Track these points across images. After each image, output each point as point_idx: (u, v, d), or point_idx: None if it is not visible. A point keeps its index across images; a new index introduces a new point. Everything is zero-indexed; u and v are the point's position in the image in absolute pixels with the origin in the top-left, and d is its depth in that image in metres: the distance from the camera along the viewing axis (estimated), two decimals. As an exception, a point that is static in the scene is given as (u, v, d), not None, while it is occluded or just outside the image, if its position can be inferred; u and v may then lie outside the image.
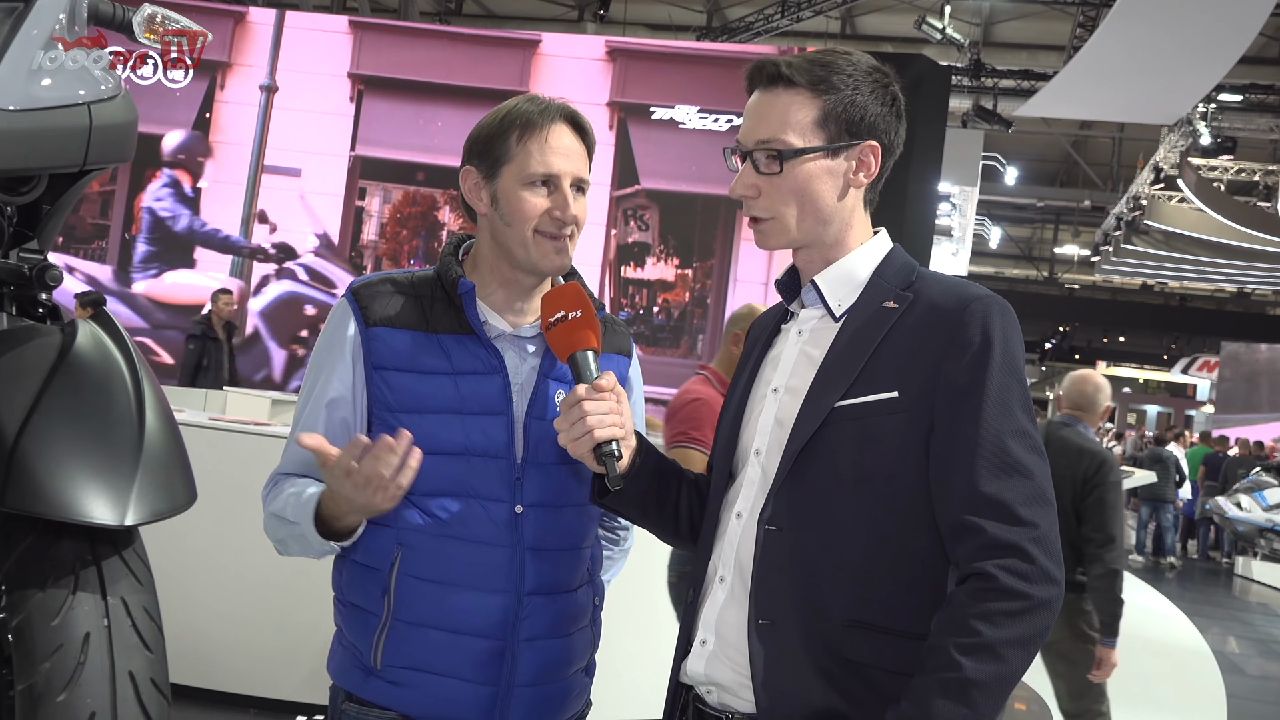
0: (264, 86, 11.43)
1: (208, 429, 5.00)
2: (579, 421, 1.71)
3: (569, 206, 1.87)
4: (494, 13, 19.20)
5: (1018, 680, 1.54)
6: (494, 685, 1.83)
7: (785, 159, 1.68)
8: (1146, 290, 29.56)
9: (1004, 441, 1.57)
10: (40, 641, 1.44)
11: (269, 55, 11.41)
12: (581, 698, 1.99)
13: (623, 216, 10.77)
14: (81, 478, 1.50)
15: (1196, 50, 12.63)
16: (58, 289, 1.79)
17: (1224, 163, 19.35)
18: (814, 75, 1.69)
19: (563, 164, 1.88)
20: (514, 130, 1.89)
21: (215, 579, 4.79)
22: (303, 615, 4.45)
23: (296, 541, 1.84)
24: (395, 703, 1.83)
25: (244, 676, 4.73)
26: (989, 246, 27.43)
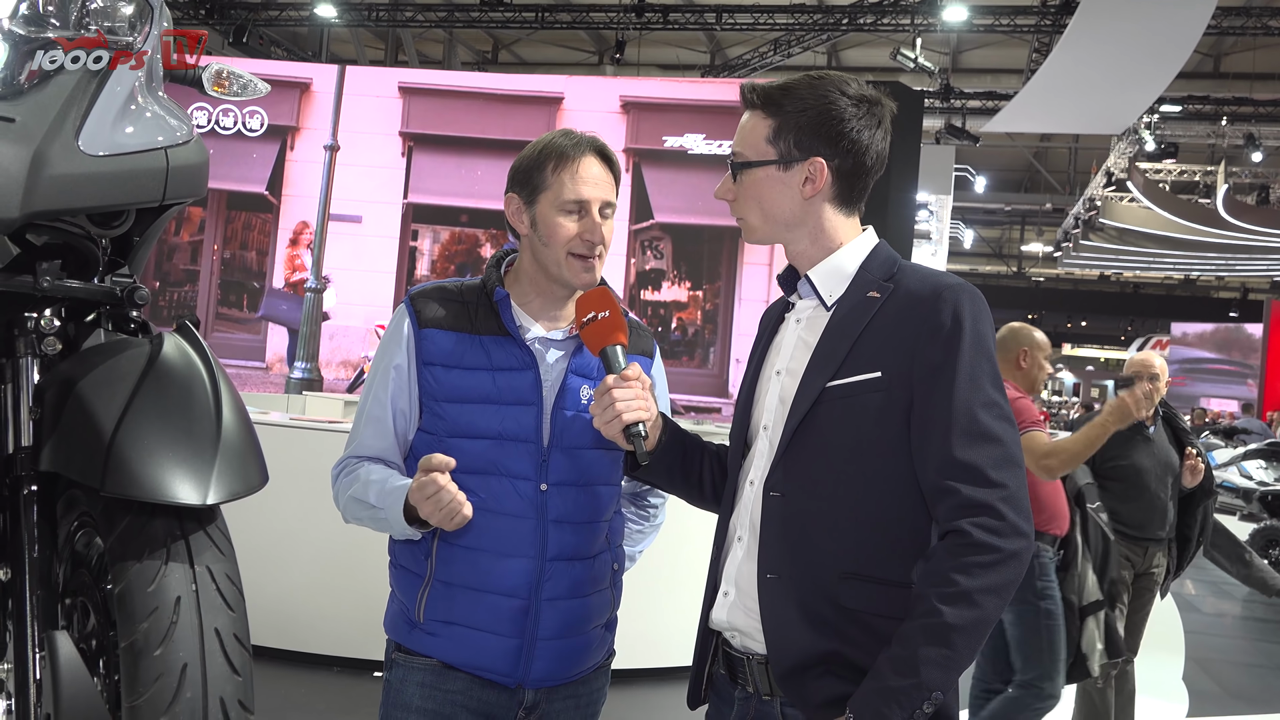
0: (328, 146, 11.47)
1: (289, 427, 5.12)
2: (609, 407, 1.74)
3: (598, 230, 1.90)
4: (525, 60, 19.22)
5: (993, 624, 1.55)
6: (519, 638, 1.85)
7: (739, 170, 1.71)
8: (1104, 280, 29.32)
9: (975, 412, 1.57)
10: (139, 605, 1.47)
11: (331, 119, 11.46)
12: (602, 649, 2.00)
13: (640, 247, 10.78)
14: (169, 465, 1.53)
15: (1139, 68, 12.54)
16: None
17: (1168, 166, 19.17)
18: (769, 98, 1.69)
19: (592, 191, 1.90)
20: (550, 161, 1.91)
21: (300, 554, 4.90)
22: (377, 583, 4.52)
23: (377, 523, 1.87)
24: (435, 651, 1.87)
25: (328, 638, 4.81)
26: (964, 247, 27.27)
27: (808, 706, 1.61)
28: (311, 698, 4.47)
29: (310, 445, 4.88)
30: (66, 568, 1.67)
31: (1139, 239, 20.84)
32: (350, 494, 1.89)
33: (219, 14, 14.89)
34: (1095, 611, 3.76)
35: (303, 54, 16.65)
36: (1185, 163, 19.58)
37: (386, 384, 1.91)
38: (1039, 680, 3.60)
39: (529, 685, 1.87)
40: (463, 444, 1.84)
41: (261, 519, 4.82)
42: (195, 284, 11.65)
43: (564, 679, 1.92)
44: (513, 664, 1.85)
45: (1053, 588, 3.63)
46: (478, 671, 1.86)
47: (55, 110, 1.52)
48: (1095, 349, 33.52)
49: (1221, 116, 17.02)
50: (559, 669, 1.89)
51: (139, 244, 1.85)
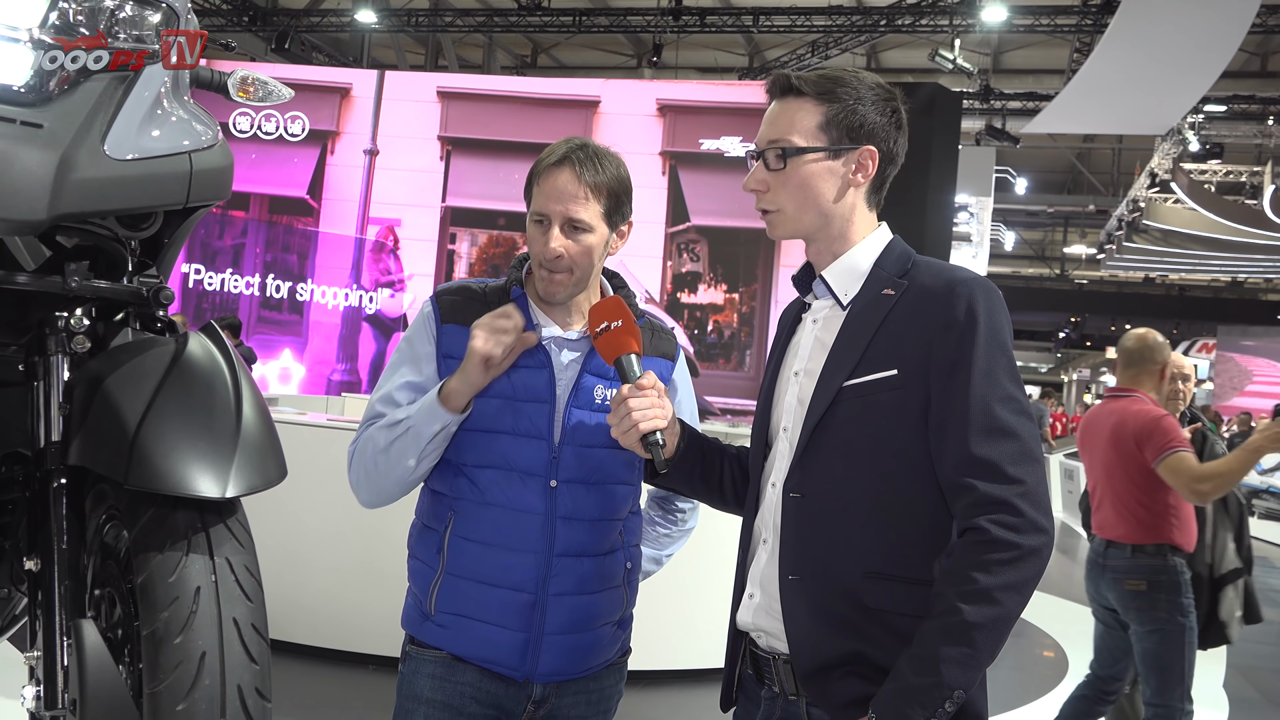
0: (367, 150, 11.61)
1: (326, 428, 5.21)
2: (626, 416, 1.74)
3: (550, 243, 1.87)
4: (564, 64, 19.28)
5: (1014, 621, 1.54)
6: (526, 632, 1.86)
7: (789, 156, 1.68)
8: (1149, 283, 28.87)
9: (991, 407, 1.56)
10: (160, 595, 1.50)
11: (370, 123, 11.59)
12: (613, 647, 2.00)
13: (676, 250, 10.81)
14: (190, 459, 1.56)
15: (1183, 67, 12.37)
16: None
17: (1213, 166, 18.88)
18: (820, 86, 1.68)
19: (552, 205, 1.88)
20: (533, 171, 1.94)
21: (341, 552, 4.98)
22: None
23: (400, 442, 1.87)
24: (445, 643, 1.89)
25: (366, 636, 4.88)
26: (1005, 249, 26.99)
27: (831, 707, 1.61)
28: (348, 695, 4.53)
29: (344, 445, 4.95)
30: (96, 560, 1.72)
31: (1184, 241, 20.53)
32: (375, 428, 1.91)
33: (261, 20, 15.10)
34: (1234, 579, 3.74)
35: (344, 59, 16.83)
36: (1231, 163, 19.26)
37: (406, 369, 1.95)
38: (1183, 699, 3.57)
39: (536, 680, 1.89)
40: (476, 438, 1.87)
41: (302, 517, 4.92)
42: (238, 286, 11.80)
43: (573, 674, 1.93)
44: (520, 658, 1.87)
45: (1193, 604, 3.60)
46: (485, 664, 1.87)
47: (82, 116, 1.57)
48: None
49: (1268, 116, 16.73)
50: (567, 664, 1.91)
51: (167, 245, 1.89)
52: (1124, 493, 3.63)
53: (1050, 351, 36.71)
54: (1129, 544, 3.59)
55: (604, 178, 1.90)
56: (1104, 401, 3.88)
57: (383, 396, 1.96)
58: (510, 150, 10.95)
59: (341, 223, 11.67)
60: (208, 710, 1.43)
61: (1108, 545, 3.67)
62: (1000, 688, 5.64)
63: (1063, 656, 6.36)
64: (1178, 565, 3.58)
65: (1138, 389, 3.75)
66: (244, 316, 11.47)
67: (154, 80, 1.67)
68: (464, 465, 1.89)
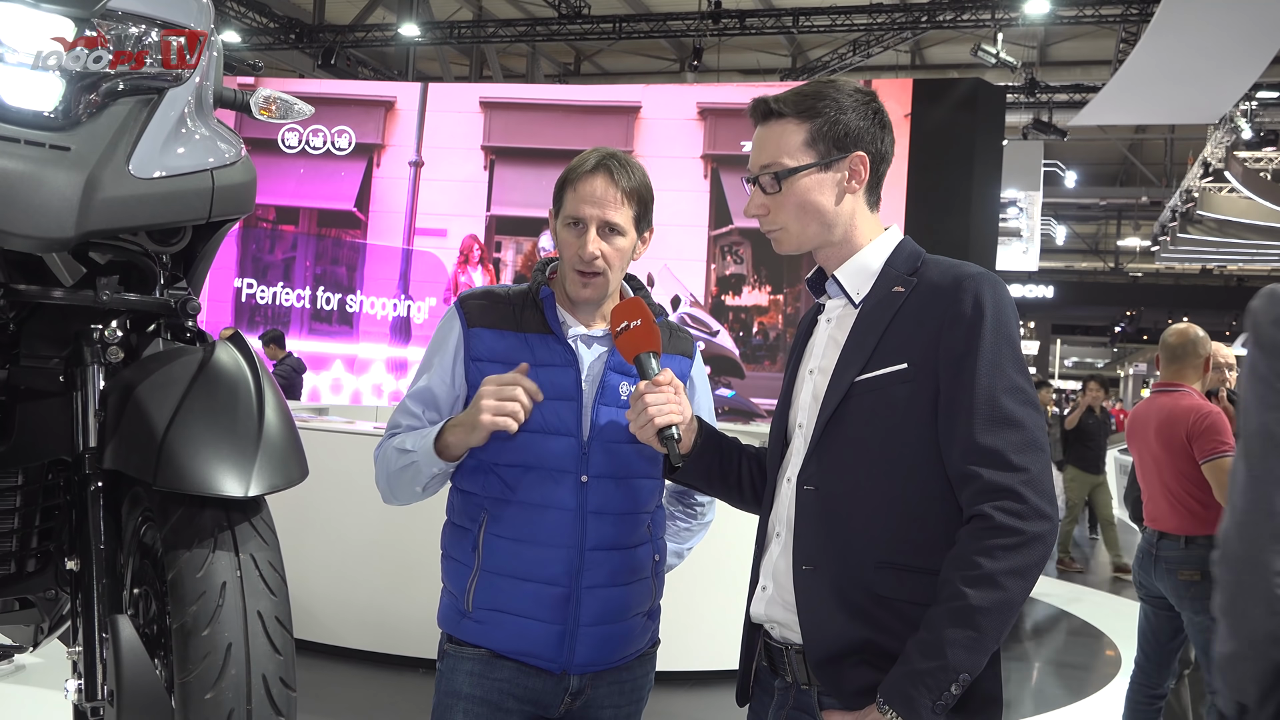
0: (412, 162, 11.76)
1: (372, 436, 5.27)
2: (643, 411, 1.79)
3: (588, 246, 1.93)
4: (607, 70, 19.39)
5: (1019, 605, 1.56)
6: (562, 624, 1.91)
7: (782, 178, 1.71)
8: (1206, 274, 28.37)
9: (997, 398, 1.59)
10: (189, 590, 1.57)
11: (415, 135, 11.74)
12: (644, 636, 2.05)
13: (720, 253, 10.83)
14: (215, 461, 1.63)
15: (1233, 53, 12.14)
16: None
17: (1268, 154, 18.49)
18: (800, 104, 1.72)
19: (589, 210, 1.94)
20: (566, 178, 1.99)
21: (389, 559, 5.05)
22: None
23: (408, 470, 1.94)
24: (483, 639, 1.93)
25: (415, 640, 4.90)
26: (1056, 244, 26.65)
27: (843, 695, 1.63)
28: (398, 699, 4.61)
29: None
30: (135, 559, 1.80)
31: (1240, 230, 20.14)
32: (391, 445, 1.98)
33: (308, 37, 15.37)
34: None
35: (389, 73, 17.08)
36: (1287, 150, 18.86)
37: (436, 370, 2.01)
38: None
39: (573, 670, 1.93)
40: (506, 437, 1.91)
41: (348, 524, 5.02)
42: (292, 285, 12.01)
43: (607, 664, 1.97)
44: (556, 649, 1.91)
45: None
46: (524, 658, 1.92)
47: (108, 138, 1.65)
48: (1199, 345, 32.47)
49: (1324, 101, 16.38)
50: (602, 654, 1.95)
51: (198, 259, 1.97)
52: (1175, 486, 3.70)
53: (1106, 346, 36.15)
54: (1182, 535, 3.67)
55: (634, 184, 1.98)
56: (1151, 397, 3.93)
57: (401, 406, 2.04)
58: (553, 158, 11.05)
59: (389, 234, 11.84)
60: (234, 698, 1.50)
61: (1160, 537, 3.74)
62: (1053, 684, 5.60)
63: (1118, 655, 6.30)
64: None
65: (1183, 383, 3.81)
66: (295, 328, 11.68)
67: (178, 101, 1.74)
68: (495, 464, 1.93)
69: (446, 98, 12.01)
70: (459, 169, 11.61)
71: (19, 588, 1.99)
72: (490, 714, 1.92)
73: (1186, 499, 3.66)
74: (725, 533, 2.32)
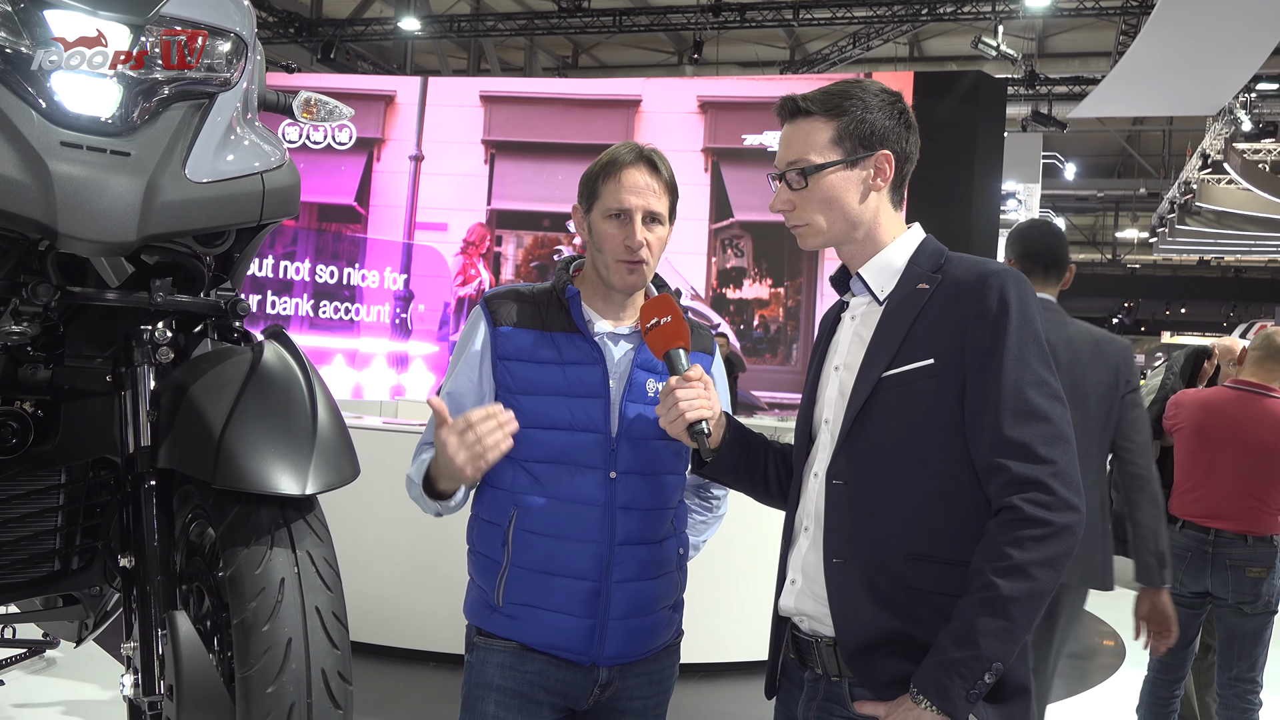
0: (413, 156, 11.78)
1: (382, 430, 5.31)
2: (673, 406, 1.82)
3: (636, 235, 1.96)
4: (605, 63, 19.39)
5: (1048, 595, 1.58)
6: (593, 618, 1.93)
7: (809, 174, 1.74)
8: (1204, 265, 28.43)
9: (1024, 391, 1.61)
10: (248, 586, 1.61)
11: (415, 130, 11.76)
12: (670, 629, 2.08)
13: (720, 246, 10.87)
14: (272, 460, 1.67)
15: (1232, 45, 12.20)
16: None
17: (1267, 145, 18.56)
18: (827, 103, 1.75)
19: (634, 200, 1.97)
20: (602, 172, 2.00)
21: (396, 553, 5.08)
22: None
23: (418, 501, 1.96)
24: (514, 633, 1.96)
25: (424, 634, 4.98)
26: (1055, 235, 26.68)
27: (875, 685, 1.65)
28: (409, 691, 4.64)
29: (400, 448, 5.08)
30: (182, 556, 1.84)
31: (1238, 222, 20.20)
32: (410, 471, 2.00)
33: (307, 32, 15.36)
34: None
35: (388, 67, 17.07)
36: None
37: (464, 371, 2.03)
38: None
39: (603, 663, 1.95)
40: (536, 434, 1.93)
41: (359, 518, 5.04)
42: (290, 294, 12.04)
43: (636, 656, 2.00)
44: (587, 642, 1.94)
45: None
46: (555, 651, 1.94)
47: (164, 143, 1.69)
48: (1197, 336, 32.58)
49: (1323, 92, 16.43)
50: (631, 647, 1.98)
51: (238, 260, 2.01)
52: (1261, 489, 3.68)
53: (1103, 338, 36.22)
54: (1249, 534, 3.67)
55: (670, 176, 2.03)
56: (1234, 393, 3.83)
57: (426, 428, 2.06)
58: (553, 152, 11.07)
59: (389, 228, 11.86)
60: (295, 691, 1.54)
61: (1218, 535, 3.71)
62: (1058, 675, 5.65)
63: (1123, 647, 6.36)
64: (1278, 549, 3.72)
65: (1274, 386, 3.77)
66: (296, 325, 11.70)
67: (227, 106, 1.78)
68: (524, 461, 1.95)
69: (446, 92, 12.03)
70: (459, 163, 11.63)
71: (64, 584, 2.03)
72: (521, 705, 1.95)
73: (1262, 502, 3.67)
74: (745, 527, 2.36)
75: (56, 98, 1.60)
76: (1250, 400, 3.76)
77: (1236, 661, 3.71)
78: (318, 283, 11.78)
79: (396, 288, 11.80)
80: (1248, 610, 3.67)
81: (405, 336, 11.77)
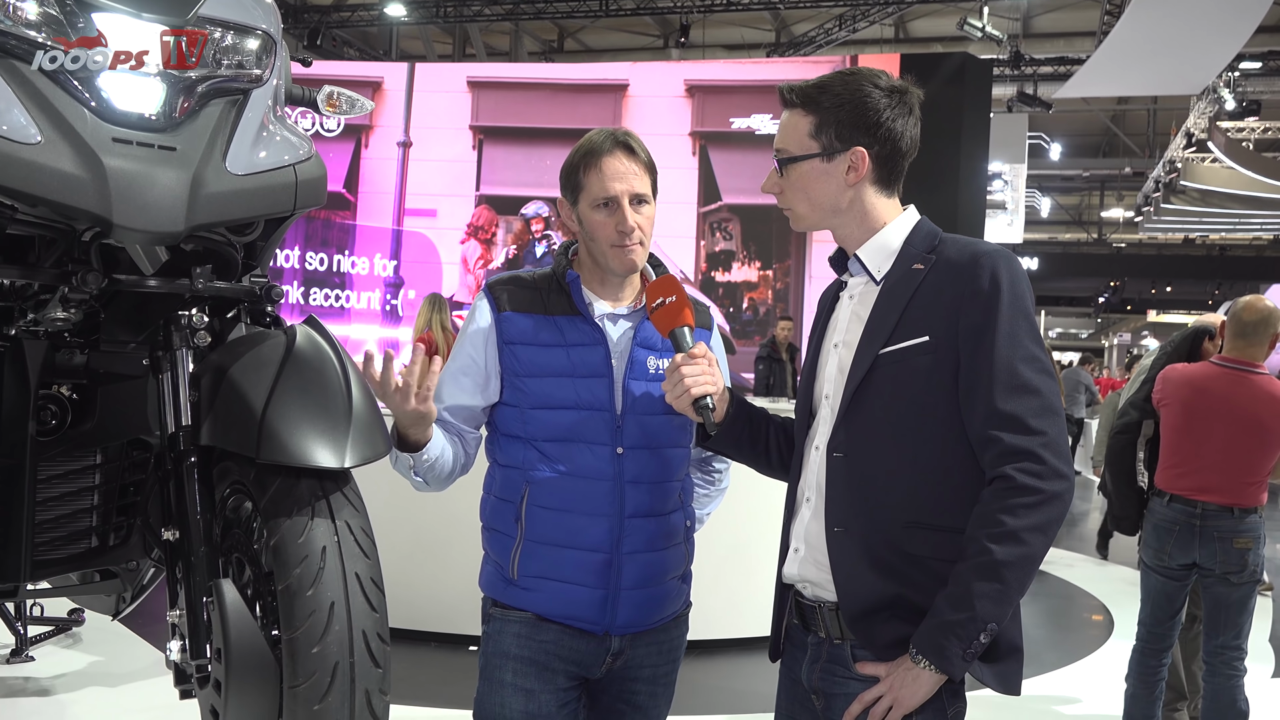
0: (401, 143, 11.80)
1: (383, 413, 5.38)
2: (679, 383, 1.90)
3: (628, 221, 2.04)
4: (591, 48, 19.38)
5: (1039, 560, 1.67)
6: (604, 589, 2.03)
7: (785, 164, 1.85)
8: (1189, 244, 28.59)
9: (1015, 366, 1.69)
10: (292, 554, 1.72)
11: (403, 116, 11.78)
12: (679, 599, 2.17)
13: (709, 229, 10.94)
14: (311, 435, 1.78)
15: (1216, 24, 12.24)
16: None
17: (1250, 124, 18.71)
18: (806, 96, 1.82)
19: (619, 186, 2.04)
20: (582, 164, 2.07)
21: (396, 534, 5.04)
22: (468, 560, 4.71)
23: (401, 469, 2.01)
24: (529, 604, 2.04)
25: (425, 614, 4.91)
26: (1041, 216, 26.86)
27: (875, 647, 1.75)
28: (412, 671, 4.73)
29: (394, 431, 5.15)
30: (220, 529, 1.95)
31: (1223, 200, 20.34)
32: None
33: (293, 18, 15.34)
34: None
35: (374, 53, 17.06)
36: (1269, 120, 19.08)
37: (468, 351, 2.10)
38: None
39: (615, 632, 2.05)
40: (544, 415, 2.03)
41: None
42: (280, 281, 12.07)
43: (646, 625, 2.09)
44: (599, 612, 2.03)
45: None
46: (569, 621, 2.03)
47: (206, 138, 1.79)
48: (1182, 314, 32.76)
49: (1306, 71, 16.57)
50: (641, 616, 2.08)
51: (264, 248, 2.12)
52: (1255, 464, 3.75)
53: (1090, 317, 36.45)
54: (1235, 507, 3.74)
55: (648, 156, 2.11)
56: (1221, 371, 3.85)
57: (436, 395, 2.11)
58: (541, 137, 11.11)
59: (378, 215, 11.90)
60: (339, 652, 1.66)
61: (1205, 508, 3.77)
62: (1049, 648, 5.80)
63: (1109, 619, 6.51)
64: (1262, 520, 3.82)
65: (1256, 362, 3.81)
66: (287, 312, 11.75)
67: (260, 102, 1.88)
68: (534, 440, 2.04)
69: (434, 78, 12.04)
70: (447, 149, 11.65)
71: (101, 560, 2.13)
72: (538, 673, 2.03)
73: (1248, 475, 3.74)
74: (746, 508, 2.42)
75: (105, 96, 1.70)
76: (1237, 377, 3.81)
77: (1223, 630, 3.80)
78: (308, 270, 11.83)
79: (387, 274, 11.85)
80: (1234, 580, 3.75)
81: (396, 323, 11.83)
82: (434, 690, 4.41)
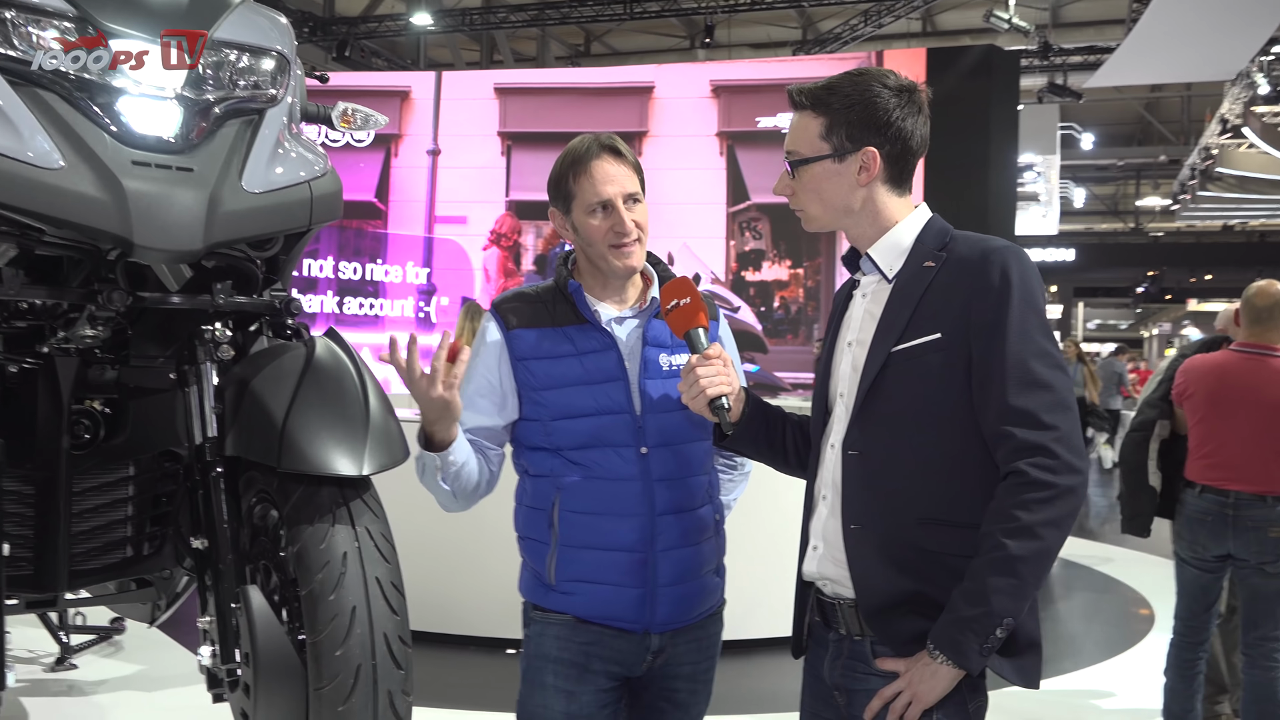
0: (430, 151, 11.88)
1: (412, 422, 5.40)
2: (694, 383, 1.91)
3: (625, 222, 2.06)
4: (618, 50, 19.43)
5: (1055, 554, 1.69)
6: (642, 588, 2.04)
7: (797, 166, 1.86)
8: (1228, 231, 28.17)
9: (1027, 362, 1.69)
10: (314, 559, 1.76)
11: (431, 124, 11.86)
12: (716, 594, 2.19)
13: (738, 229, 10.91)
14: (331, 444, 1.82)
15: (1248, 7, 12.06)
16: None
17: (1286, 108, 18.43)
18: (815, 98, 1.83)
19: (611, 189, 2.06)
20: (569, 172, 2.09)
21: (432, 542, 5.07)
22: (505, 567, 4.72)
23: (423, 473, 2.00)
24: (568, 608, 2.06)
25: (462, 620, 4.98)
26: (1075, 206, 26.61)
27: (895, 643, 1.77)
28: (447, 674, 4.77)
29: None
30: (247, 536, 1.99)
31: (1261, 186, 20.04)
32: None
33: (321, 30, 15.50)
34: None
35: (401, 62, 17.20)
36: (1305, 103, 18.78)
37: (481, 372, 2.11)
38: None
39: (655, 630, 2.07)
40: (566, 424, 2.06)
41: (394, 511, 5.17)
42: (315, 292, 12.20)
43: (685, 621, 2.11)
44: (638, 611, 2.05)
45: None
46: (609, 621, 2.05)
47: (222, 158, 1.84)
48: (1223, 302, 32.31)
49: (1341, 52, 16.28)
50: (680, 612, 2.09)
51: (285, 262, 2.16)
52: (1277, 449, 3.72)
53: (1129, 308, 36.02)
54: (1269, 495, 3.71)
55: (632, 158, 2.12)
56: (1240, 356, 3.85)
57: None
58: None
59: (410, 223, 11.99)
60: (361, 654, 1.69)
61: (1238, 497, 3.74)
62: (1090, 641, 5.76)
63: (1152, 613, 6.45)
64: None
65: (1275, 345, 3.79)
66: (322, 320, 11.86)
67: (274, 121, 1.93)
68: (560, 449, 2.06)
69: (461, 85, 12.11)
70: (476, 156, 11.70)
71: (136, 569, 2.19)
72: (579, 675, 2.05)
73: (1277, 461, 3.70)
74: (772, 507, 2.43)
75: (124, 119, 1.75)
76: (1257, 361, 3.79)
77: (1262, 621, 3.76)
78: (341, 279, 11.94)
79: (419, 281, 11.93)
80: (1270, 570, 3.71)
81: (429, 329, 11.91)
82: (475, 694, 4.46)
